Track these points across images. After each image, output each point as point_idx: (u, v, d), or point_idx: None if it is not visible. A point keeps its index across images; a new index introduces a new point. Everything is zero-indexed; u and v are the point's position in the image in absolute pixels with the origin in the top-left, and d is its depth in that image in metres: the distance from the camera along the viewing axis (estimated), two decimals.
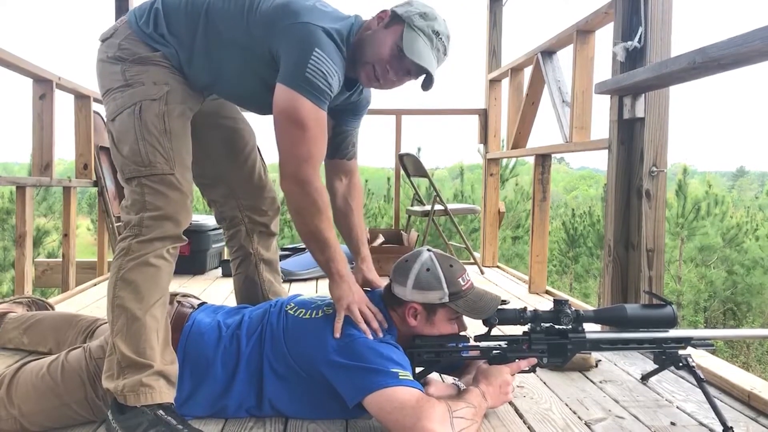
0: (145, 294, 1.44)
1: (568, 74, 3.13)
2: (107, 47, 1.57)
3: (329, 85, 1.44)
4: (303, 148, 1.46)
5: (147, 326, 1.43)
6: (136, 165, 1.48)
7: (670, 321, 1.62)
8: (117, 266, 1.47)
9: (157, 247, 1.47)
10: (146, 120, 1.48)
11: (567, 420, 1.62)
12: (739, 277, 12.17)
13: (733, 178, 37.81)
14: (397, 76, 1.55)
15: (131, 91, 1.50)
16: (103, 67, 1.57)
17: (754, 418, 1.65)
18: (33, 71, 3.10)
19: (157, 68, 1.53)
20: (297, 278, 3.71)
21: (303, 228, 1.52)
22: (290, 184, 1.47)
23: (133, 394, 1.37)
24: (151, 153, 1.48)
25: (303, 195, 1.48)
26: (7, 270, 9.46)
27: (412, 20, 1.51)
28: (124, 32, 1.56)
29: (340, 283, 1.54)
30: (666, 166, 2.28)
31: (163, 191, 1.47)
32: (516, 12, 21.83)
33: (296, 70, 1.42)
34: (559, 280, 13.11)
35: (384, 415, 1.39)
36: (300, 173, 1.46)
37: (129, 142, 1.49)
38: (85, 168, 3.77)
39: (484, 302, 1.57)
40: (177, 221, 1.49)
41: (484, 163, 4.57)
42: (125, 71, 1.52)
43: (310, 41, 1.42)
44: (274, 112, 1.47)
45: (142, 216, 1.46)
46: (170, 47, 1.54)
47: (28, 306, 2.22)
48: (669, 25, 2.25)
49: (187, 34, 1.54)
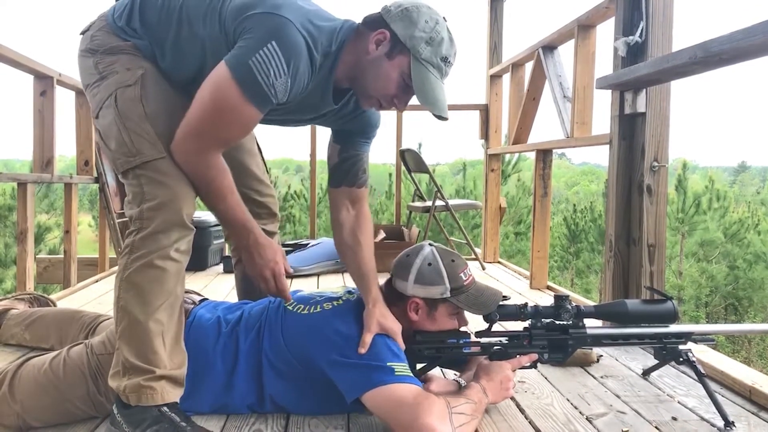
0: (148, 298, 1.38)
1: (569, 69, 3.12)
2: (83, 40, 1.53)
3: (270, 86, 1.32)
4: (206, 125, 1.36)
5: (150, 331, 1.38)
6: (125, 156, 1.41)
7: (671, 316, 1.62)
8: (123, 264, 1.41)
9: (163, 244, 1.38)
10: (123, 107, 1.41)
11: (568, 415, 1.62)
12: (741, 271, 12.18)
13: (735, 174, 37.78)
14: (404, 104, 1.48)
15: (107, 83, 1.45)
16: (80, 62, 1.53)
17: (756, 412, 1.65)
18: (34, 68, 3.09)
19: (128, 56, 1.47)
20: (298, 274, 3.71)
21: (201, 195, 1.46)
22: (178, 150, 1.39)
23: (135, 395, 1.37)
24: (136, 141, 1.40)
25: (191, 163, 1.40)
26: (9, 267, 9.49)
27: (419, 52, 1.38)
28: (99, 25, 1.52)
29: None
30: (667, 162, 2.27)
31: (159, 178, 1.39)
32: (517, 7, 21.73)
33: (243, 53, 1.31)
34: (560, 276, 13.13)
35: (383, 411, 1.39)
36: (191, 143, 1.38)
37: (113, 135, 1.43)
38: (86, 164, 3.78)
39: (486, 297, 1.57)
40: (178, 207, 1.39)
41: (485, 159, 4.56)
42: (98, 63, 1.48)
43: (271, 32, 1.31)
44: (204, 82, 1.36)
45: (142, 208, 1.38)
46: (143, 40, 1.49)
47: (30, 302, 2.22)
48: (670, 20, 2.25)
49: (160, 29, 1.48)
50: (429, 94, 1.39)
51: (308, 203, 7.13)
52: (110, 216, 3.77)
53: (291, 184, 13.01)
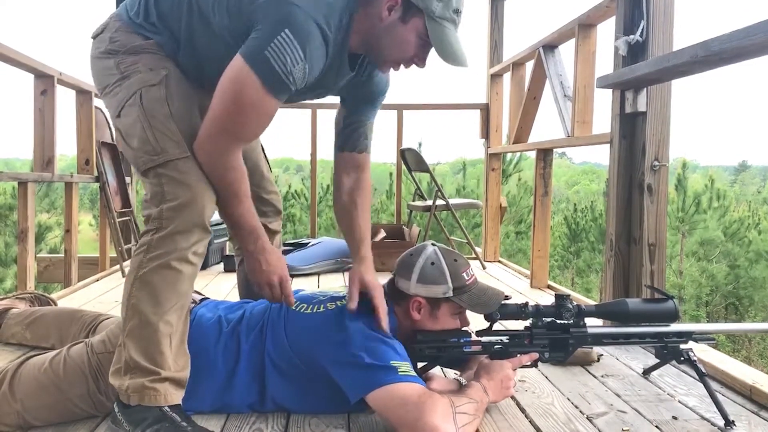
0: (161, 299, 1.37)
1: (570, 68, 3.12)
2: (99, 43, 1.53)
3: (288, 73, 1.33)
4: (229, 122, 1.38)
5: (159, 332, 1.37)
6: (148, 155, 1.41)
7: (671, 315, 1.63)
8: (137, 263, 1.39)
9: (181, 246, 1.37)
10: (149, 107, 1.43)
11: (569, 414, 1.62)
12: (742, 270, 12.17)
13: (735, 173, 37.74)
14: (423, 62, 1.50)
15: (129, 82, 1.46)
16: (97, 64, 1.53)
17: (756, 412, 1.65)
18: (34, 67, 3.09)
19: (151, 55, 1.48)
20: (299, 273, 3.71)
21: None
22: (201, 150, 1.41)
23: (137, 395, 1.36)
24: (160, 139, 1.40)
25: (213, 164, 1.41)
26: (9, 266, 9.48)
27: (432, 11, 1.39)
28: (114, 26, 1.52)
29: None
30: (668, 161, 2.27)
31: (181, 178, 1.39)
32: (517, 6, 21.73)
33: (258, 44, 1.33)
34: (561, 275, 13.13)
35: (387, 410, 1.39)
36: (215, 142, 1.39)
37: (137, 134, 1.43)
38: (86, 163, 3.78)
39: (488, 297, 1.58)
40: (200, 207, 1.39)
41: (486, 158, 4.56)
42: (119, 64, 1.48)
43: (282, 21, 1.32)
44: (221, 78, 1.38)
45: (162, 208, 1.38)
46: (162, 35, 1.49)
47: (30, 301, 2.23)
48: (671, 19, 2.25)
49: (173, 18, 1.48)
50: (449, 50, 1.41)
51: (309, 202, 7.13)
52: (111, 215, 3.77)
53: (291, 184, 13.01)
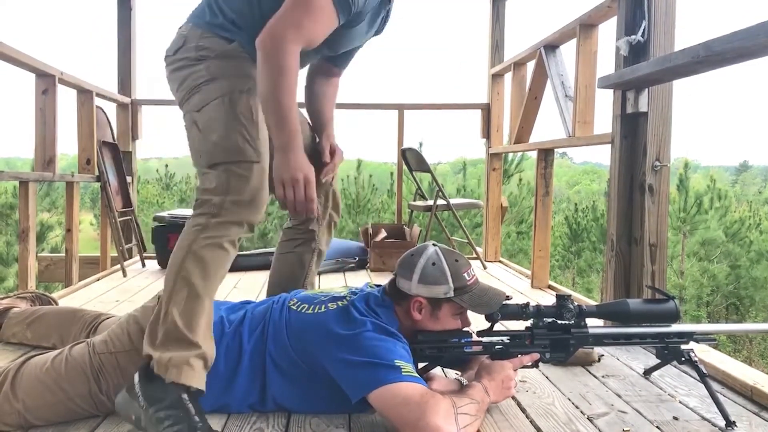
0: (211, 274, 1.46)
1: (571, 68, 3.12)
2: (185, 52, 1.59)
3: None
4: (297, 18, 1.47)
5: (204, 307, 1.45)
6: (224, 151, 1.50)
7: (672, 316, 1.62)
8: (190, 239, 1.47)
9: (233, 232, 1.48)
10: (237, 110, 1.52)
11: (570, 414, 1.62)
12: (743, 270, 12.16)
13: (736, 173, 37.72)
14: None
15: (219, 84, 1.54)
16: (181, 73, 1.59)
17: (757, 412, 1.64)
18: (35, 66, 3.10)
19: (240, 61, 1.57)
20: None
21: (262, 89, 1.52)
22: (268, 36, 1.46)
23: (176, 369, 1.37)
24: (241, 141, 1.50)
25: (276, 48, 1.46)
26: (10, 265, 9.49)
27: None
28: (195, 34, 1.59)
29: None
30: (669, 161, 2.27)
31: (248, 178, 1.49)
32: (518, 6, 21.64)
33: None
34: (562, 275, 13.13)
35: (388, 410, 1.39)
36: (282, 30, 1.45)
37: (219, 130, 1.51)
38: (87, 163, 3.78)
39: (489, 297, 1.57)
40: (256, 208, 1.51)
41: (487, 158, 4.56)
42: (209, 67, 1.55)
43: None
44: None
45: (224, 198, 1.48)
46: (242, 31, 1.57)
47: (31, 301, 2.23)
48: (672, 19, 2.25)
49: (247, 8, 1.57)
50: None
51: None
52: (112, 215, 3.77)
53: None
